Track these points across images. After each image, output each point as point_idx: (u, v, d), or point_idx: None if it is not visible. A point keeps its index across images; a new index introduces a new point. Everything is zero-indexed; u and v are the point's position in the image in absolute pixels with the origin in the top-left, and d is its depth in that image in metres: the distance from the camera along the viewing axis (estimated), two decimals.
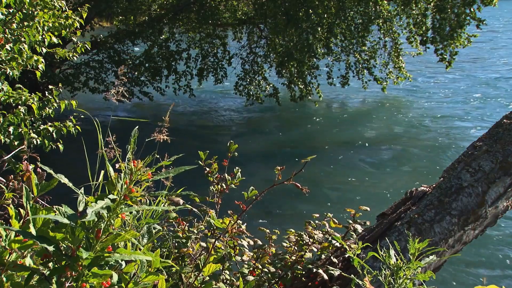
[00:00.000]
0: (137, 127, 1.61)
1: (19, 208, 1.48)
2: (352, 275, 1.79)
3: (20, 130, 3.05)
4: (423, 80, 16.51)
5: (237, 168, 2.43)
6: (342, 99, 14.53)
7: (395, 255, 1.72)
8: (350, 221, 2.67)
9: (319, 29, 10.91)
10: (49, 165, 1.48)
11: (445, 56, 12.23)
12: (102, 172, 2.48)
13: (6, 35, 3.08)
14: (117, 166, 1.49)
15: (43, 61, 3.32)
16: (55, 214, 1.30)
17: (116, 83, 2.80)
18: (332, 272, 2.40)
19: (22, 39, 3.15)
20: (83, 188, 1.51)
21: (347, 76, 12.90)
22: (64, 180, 1.39)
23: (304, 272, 2.49)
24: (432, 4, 11.93)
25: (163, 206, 2.34)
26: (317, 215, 2.77)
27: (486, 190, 2.59)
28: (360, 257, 2.36)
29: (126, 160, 1.43)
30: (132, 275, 1.46)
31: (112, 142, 2.24)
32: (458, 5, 11.60)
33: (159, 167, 1.57)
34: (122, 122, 3.13)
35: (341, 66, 12.97)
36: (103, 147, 2.40)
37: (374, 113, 13.25)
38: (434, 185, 2.79)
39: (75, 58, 3.88)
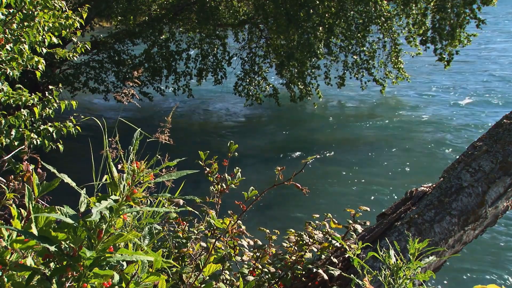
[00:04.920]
0: (139, 129, 1.61)
1: (20, 208, 1.48)
2: (352, 275, 1.79)
3: (21, 130, 3.05)
4: (422, 80, 16.52)
5: (237, 168, 2.44)
6: (341, 99, 14.54)
7: (395, 255, 1.72)
8: (350, 221, 2.67)
9: (320, 28, 10.91)
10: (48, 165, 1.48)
11: (444, 56, 12.25)
12: (105, 176, 2.48)
13: (6, 35, 3.08)
14: (119, 167, 1.49)
15: (43, 61, 3.33)
16: (58, 214, 1.31)
17: (130, 84, 2.81)
18: (332, 272, 2.40)
19: (22, 39, 3.15)
20: (84, 189, 1.52)
21: (343, 76, 12.91)
22: (68, 180, 1.40)
23: (304, 272, 2.49)
24: (432, 4, 11.94)
25: (164, 207, 2.35)
26: (317, 215, 2.78)
27: (486, 190, 2.59)
28: (360, 257, 2.37)
29: (129, 161, 1.44)
30: (132, 275, 1.46)
31: (117, 142, 2.25)
32: (458, 5, 11.61)
33: (161, 168, 1.57)
34: (121, 123, 3.12)
35: (339, 66, 12.98)
36: (106, 147, 2.41)
37: (373, 113, 13.26)
38: (434, 185, 2.80)
39: (75, 58, 3.88)
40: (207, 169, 2.54)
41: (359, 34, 12.04)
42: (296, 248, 2.60)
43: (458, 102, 13.87)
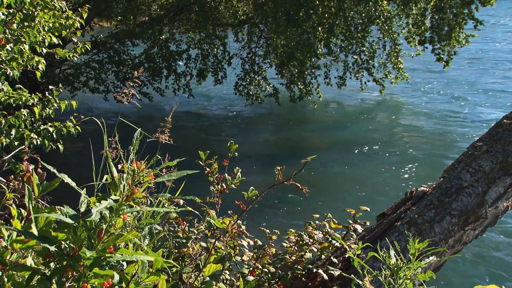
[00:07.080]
0: (139, 129, 1.62)
1: (20, 208, 1.48)
2: (352, 275, 1.79)
3: (21, 130, 3.05)
4: (422, 80, 16.51)
5: (237, 168, 2.44)
6: (341, 99, 14.53)
7: (395, 255, 1.72)
8: (350, 221, 2.67)
9: (320, 29, 10.91)
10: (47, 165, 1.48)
11: (442, 56, 12.26)
12: (105, 176, 2.49)
13: (6, 35, 3.08)
14: (119, 167, 1.49)
15: (44, 61, 3.33)
16: (58, 214, 1.31)
17: (131, 84, 2.82)
18: (332, 272, 2.40)
19: (23, 39, 3.15)
20: (84, 189, 1.52)
21: (343, 77, 12.92)
22: (68, 180, 1.40)
23: (304, 272, 2.49)
24: (431, 4, 11.95)
25: (164, 207, 2.35)
26: (317, 216, 2.78)
27: (486, 190, 2.59)
28: (360, 257, 2.37)
29: (129, 161, 1.44)
30: (133, 275, 1.46)
31: (117, 142, 2.25)
32: (457, 5, 11.62)
33: (161, 168, 1.57)
34: (121, 123, 3.13)
35: (339, 66, 12.98)
36: (106, 147, 2.41)
37: (373, 113, 13.26)
38: (434, 185, 2.80)
39: (75, 58, 3.88)
40: (207, 169, 2.54)
41: (359, 34, 12.04)
42: (296, 248, 2.60)
43: (458, 102, 13.86)
